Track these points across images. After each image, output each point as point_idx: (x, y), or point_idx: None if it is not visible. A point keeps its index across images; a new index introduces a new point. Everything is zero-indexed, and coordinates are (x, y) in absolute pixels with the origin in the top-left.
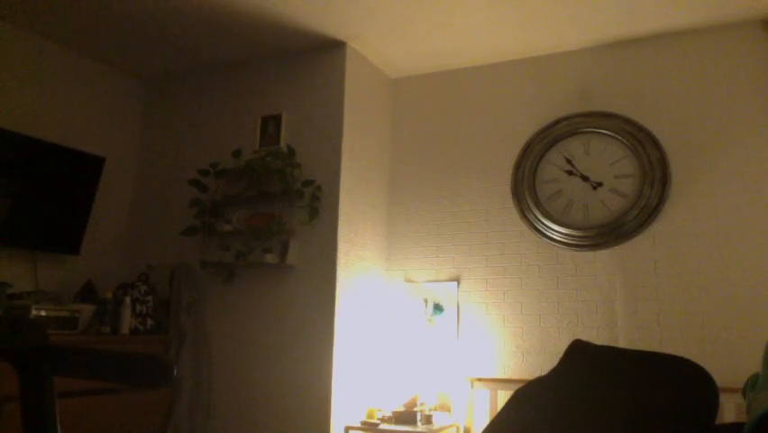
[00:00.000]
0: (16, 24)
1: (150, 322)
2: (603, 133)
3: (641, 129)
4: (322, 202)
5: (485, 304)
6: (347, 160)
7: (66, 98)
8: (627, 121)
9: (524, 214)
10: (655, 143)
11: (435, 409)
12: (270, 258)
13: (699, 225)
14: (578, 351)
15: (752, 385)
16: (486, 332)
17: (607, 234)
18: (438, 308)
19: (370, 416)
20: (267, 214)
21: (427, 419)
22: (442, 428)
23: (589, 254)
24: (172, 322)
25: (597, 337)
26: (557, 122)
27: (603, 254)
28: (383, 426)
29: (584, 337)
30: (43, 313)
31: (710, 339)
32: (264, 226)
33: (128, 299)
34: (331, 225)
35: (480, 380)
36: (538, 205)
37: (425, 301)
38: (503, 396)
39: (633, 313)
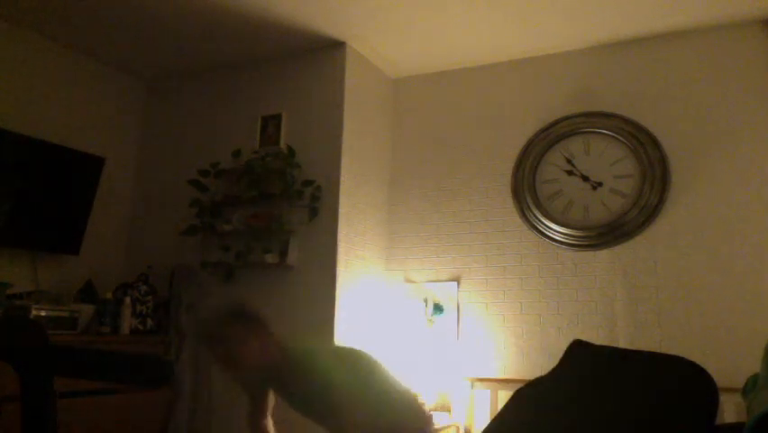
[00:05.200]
0: (16, 24)
1: (150, 322)
2: (603, 133)
3: (641, 129)
4: (322, 202)
5: (485, 304)
6: (347, 160)
7: (66, 98)
8: (627, 121)
9: (524, 214)
10: (655, 143)
11: (435, 410)
12: (270, 258)
13: (699, 225)
14: (578, 351)
15: (752, 385)
16: (486, 332)
17: (607, 234)
18: (438, 308)
19: None
20: (267, 214)
21: None
22: (442, 429)
23: (589, 254)
24: (172, 322)
25: (597, 337)
26: (557, 122)
27: (603, 254)
28: None
29: (584, 337)
30: (43, 313)
31: (710, 339)
32: (264, 226)
33: (128, 299)
34: (331, 225)
35: (480, 380)
36: (538, 205)
37: (425, 301)
38: (503, 396)
39: (633, 313)
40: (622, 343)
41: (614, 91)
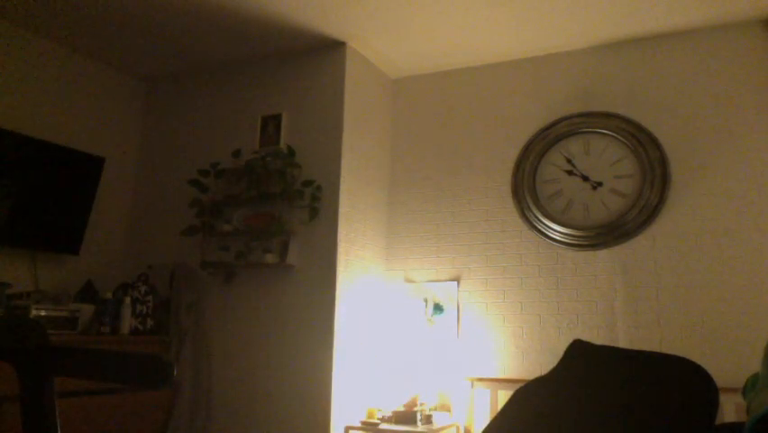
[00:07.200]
0: (16, 24)
1: (150, 322)
2: (603, 133)
3: (641, 129)
4: (322, 202)
5: (485, 304)
6: (347, 160)
7: (66, 98)
8: (627, 121)
9: (524, 214)
10: (655, 143)
11: (435, 410)
12: (270, 258)
13: (699, 225)
14: (578, 351)
15: (752, 385)
16: (486, 332)
17: (607, 234)
18: (438, 308)
19: (370, 416)
20: (267, 214)
21: (427, 419)
22: (442, 428)
23: (589, 254)
24: (172, 322)
25: (597, 337)
26: (557, 122)
27: (603, 254)
28: (383, 426)
29: (584, 337)
30: (43, 313)
31: (710, 339)
32: (264, 226)
33: (128, 299)
34: (331, 225)
35: (480, 380)
36: (538, 205)
37: (425, 301)
38: (503, 396)
39: (633, 313)
40: (622, 343)
41: (614, 91)
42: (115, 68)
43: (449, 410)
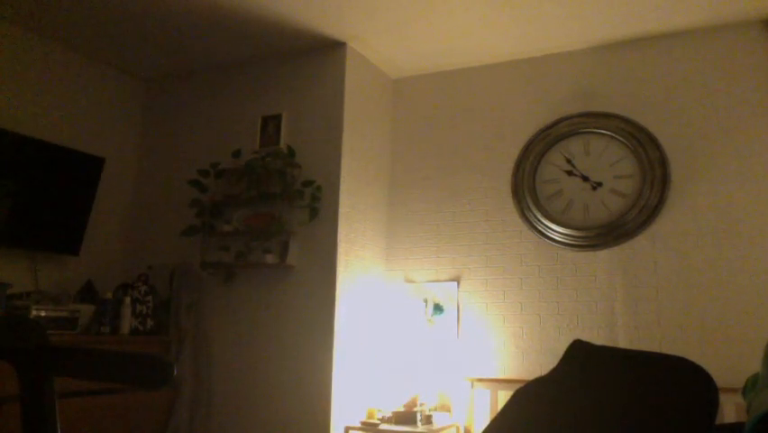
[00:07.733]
0: (17, 24)
1: (150, 322)
2: (603, 133)
3: (641, 129)
4: (322, 202)
5: (485, 304)
6: (347, 160)
7: (66, 98)
8: (627, 121)
9: (524, 214)
10: (655, 143)
11: (435, 410)
12: (270, 258)
13: (699, 225)
14: (578, 351)
15: (752, 385)
16: (486, 332)
17: (607, 234)
18: (438, 308)
19: (370, 416)
20: (267, 214)
21: (427, 420)
22: (442, 429)
23: (590, 254)
24: (172, 322)
25: (597, 337)
26: (557, 122)
27: (603, 254)
28: (383, 426)
29: (584, 337)
30: (43, 313)
31: (710, 339)
32: (264, 226)
33: (128, 299)
34: (331, 225)
35: (480, 380)
36: (538, 205)
37: (425, 301)
38: (503, 396)
39: (633, 313)
40: (622, 343)
41: (614, 91)
42: (115, 68)
43: (449, 411)
